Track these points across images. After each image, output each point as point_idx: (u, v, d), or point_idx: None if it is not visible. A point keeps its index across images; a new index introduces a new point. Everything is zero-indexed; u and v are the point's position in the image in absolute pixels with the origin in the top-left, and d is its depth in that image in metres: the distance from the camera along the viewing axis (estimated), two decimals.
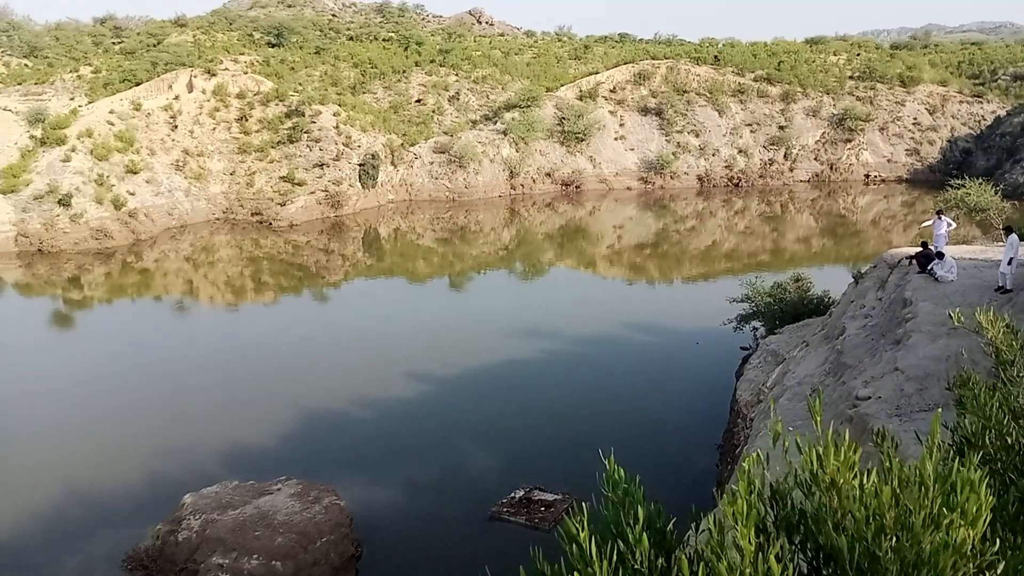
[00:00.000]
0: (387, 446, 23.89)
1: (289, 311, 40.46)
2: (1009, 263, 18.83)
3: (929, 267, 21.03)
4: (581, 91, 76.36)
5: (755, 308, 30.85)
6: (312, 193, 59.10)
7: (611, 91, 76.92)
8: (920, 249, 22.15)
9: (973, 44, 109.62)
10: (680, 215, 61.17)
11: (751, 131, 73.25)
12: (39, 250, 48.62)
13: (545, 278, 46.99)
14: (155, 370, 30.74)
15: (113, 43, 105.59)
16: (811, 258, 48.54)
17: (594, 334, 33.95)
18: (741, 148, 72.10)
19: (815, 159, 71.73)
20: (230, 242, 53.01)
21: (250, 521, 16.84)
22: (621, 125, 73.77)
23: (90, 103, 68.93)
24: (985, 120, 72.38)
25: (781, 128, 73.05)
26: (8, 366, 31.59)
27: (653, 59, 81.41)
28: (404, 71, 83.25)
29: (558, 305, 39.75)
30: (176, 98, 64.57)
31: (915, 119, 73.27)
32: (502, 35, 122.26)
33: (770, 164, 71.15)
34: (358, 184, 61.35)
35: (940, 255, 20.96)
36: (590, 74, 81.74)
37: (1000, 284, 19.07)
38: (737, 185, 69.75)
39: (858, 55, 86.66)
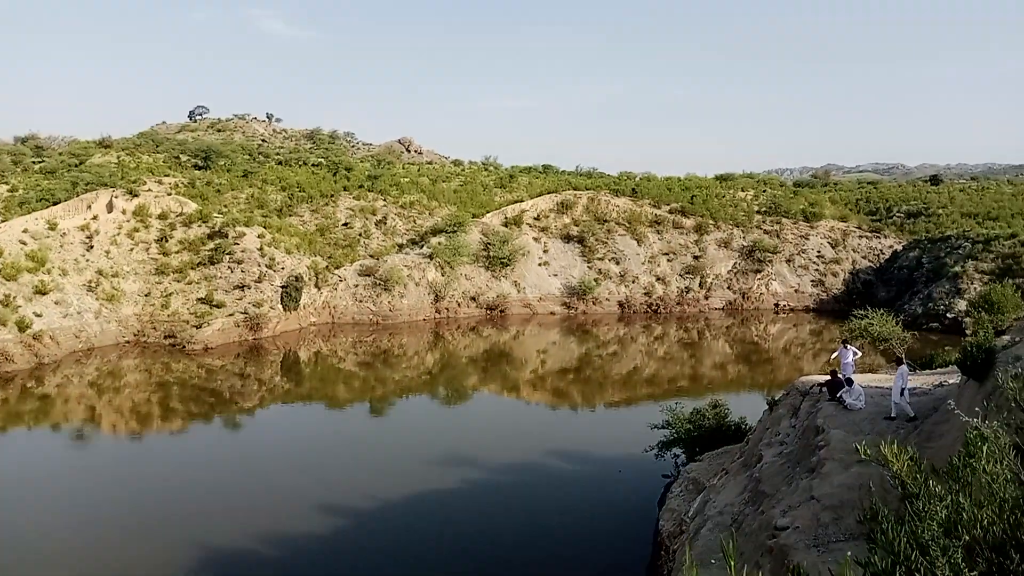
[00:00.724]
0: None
1: (197, 440, 38.48)
2: (902, 393, 19.69)
3: (838, 395, 21.70)
4: (506, 218, 78.62)
5: (676, 435, 31.10)
6: (231, 315, 57.79)
7: (535, 219, 79.44)
8: (829, 377, 22.92)
9: (869, 183, 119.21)
10: (602, 340, 62.16)
11: (668, 260, 76.27)
12: None
13: (468, 403, 46.42)
14: (40, 503, 28.37)
15: (33, 162, 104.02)
16: (728, 384, 49.64)
17: (517, 462, 33.37)
18: (659, 276, 74.77)
19: (728, 288, 74.81)
20: (139, 366, 50.79)
21: None
22: (545, 251, 75.78)
23: (3, 222, 66.83)
24: (883, 254, 77.46)
25: (696, 258, 76.36)
26: None
27: (575, 190, 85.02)
28: (332, 195, 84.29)
29: (481, 431, 39.19)
30: (95, 218, 63.31)
31: (819, 252, 77.84)
32: (430, 163, 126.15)
33: (687, 292, 73.79)
34: (279, 306, 60.43)
35: (849, 382, 21.71)
36: (515, 202, 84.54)
37: (891, 413, 19.80)
38: (656, 311, 71.79)
39: (764, 191, 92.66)
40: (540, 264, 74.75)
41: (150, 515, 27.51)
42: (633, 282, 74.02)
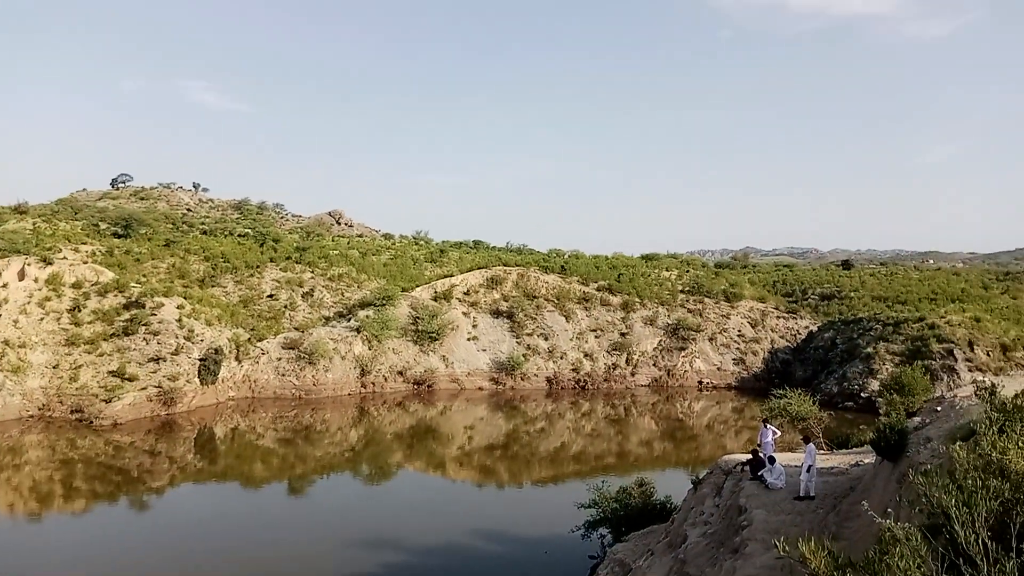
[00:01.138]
0: None
1: (101, 521, 36.15)
2: (808, 471, 20.17)
3: (760, 473, 22.02)
4: (436, 292, 78.55)
5: (602, 514, 30.88)
6: (143, 389, 55.31)
7: (465, 294, 79.62)
8: (751, 456, 23.28)
9: (785, 266, 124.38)
10: (530, 416, 61.87)
11: (595, 336, 77.17)
12: None
13: (392, 482, 45.14)
14: None
15: None
16: (654, 461, 49.84)
17: (442, 543, 32.46)
18: (587, 352, 75.44)
19: (654, 365, 75.96)
20: (42, 442, 47.81)
21: None
22: (474, 326, 75.73)
23: None
24: (800, 334, 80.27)
25: (623, 335, 77.52)
26: None
27: (505, 265, 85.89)
28: (258, 266, 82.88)
29: (404, 511, 38.06)
30: (4, 286, 60.40)
31: (739, 331, 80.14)
32: (360, 236, 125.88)
33: (613, 368, 74.52)
34: (196, 380, 58.21)
35: (771, 460, 22.07)
36: (445, 277, 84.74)
37: (800, 492, 20.19)
38: (584, 388, 72.11)
39: (687, 271, 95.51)
40: (469, 339, 74.55)
41: None
42: (561, 358, 74.43)
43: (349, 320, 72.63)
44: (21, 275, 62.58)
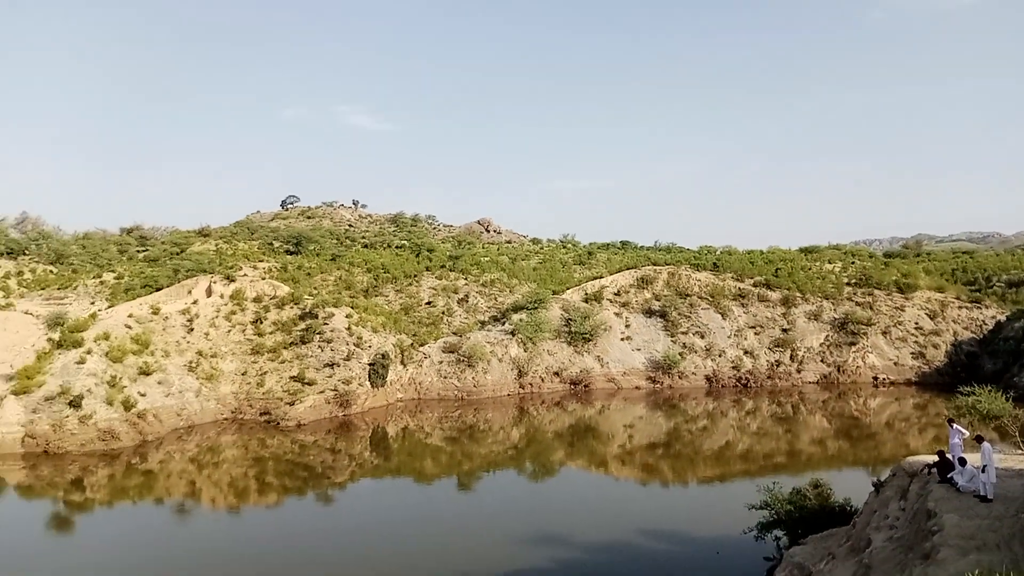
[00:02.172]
0: None
1: (292, 513, 39.10)
2: (983, 471, 18.84)
3: (950, 476, 20.66)
4: (586, 294, 78.84)
5: (775, 516, 29.86)
6: (321, 392, 59.28)
7: (615, 294, 79.37)
8: (937, 458, 21.85)
9: (964, 253, 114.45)
10: (691, 415, 60.70)
11: (755, 333, 74.55)
12: (45, 451, 48.03)
13: (555, 479, 45.77)
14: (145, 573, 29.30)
15: (138, 251, 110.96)
16: (828, 461, 47.48)
17: (608, 540, 32.54)
18: (747, 349, 73.02)
19: (821, 361, 72.34)
20: (236, 442, 52.35)
21: None
22: (627, 326, 75.32)
23: (110, 307, 71.11)
24: (986, 325, 73.74)
25: (784, 331, 74.40)
26: (9, 570, 30.13)
27: (655, 265, 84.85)
28: (415, 275, 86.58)
29: (569, 507, 38.48)
30: (195, 302, 66.70)
31: (917, 323, 74.73)
32: (509, 242, 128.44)
33: (777, 365, 71.67)
34: (367, 383, 61.68)
35: (962, 462, 20.60)
36: (594, 278, 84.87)
37: (984, 494, 18.89)
38: (746, 386, 69.83)
39: (853, 263, 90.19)
40: (623, 339, 74.23)
41: None
42: (720, 356, 72.49)
43: (503, 324, 74.34)
44: (208, 292, 68.85)
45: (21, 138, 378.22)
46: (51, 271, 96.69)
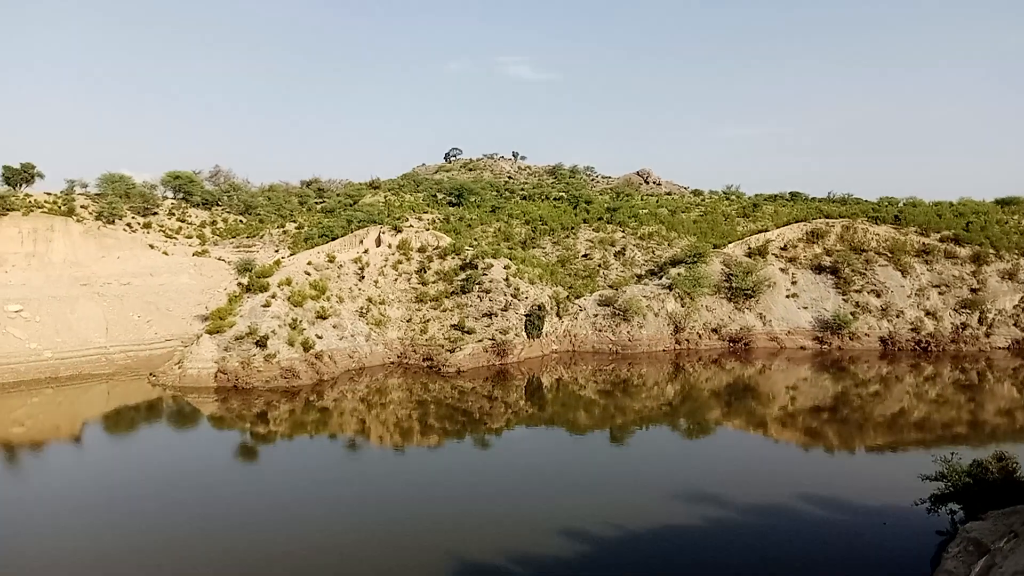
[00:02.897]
0: None
1: (452, 455, 41.09)
2: None
3: None
4: (750, 248, 75.68)
5: (952, 488, 27.84)
6: (480, 341, 61.29)
7: (782, 249, 75.62)
8: None
9: None
10: (861, 379, 57.24)
11: (939, 293, 68.68)
12: (234, 386, 53.15)
13: (710, 437, 44.98)
14: (320, 507, 31.95)
15: (316, 203, 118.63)
16: (1015, 434, 43.38)
17: (764, 503, 31.67)
18: (929, 310, 67.50)
19: (1014, 325, 65.65)
20: (401, 385, 55.45)
21: None
22: (793, 283, 71.75)
23: (291, 255, 76.81)
24: None
25: (973, 291, 67.98)
26: (202, 492, 34.02)
27: (827, 218, 79.79)
28: (572, 227, 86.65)
29: (724, 467, 37.72)
30: (365, 251, 70.55)
31: None
32: (669, 194, 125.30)
33: (962, 328, 65.79)
34: (524, 334, 63.01)
35: None
36: (759, 232, 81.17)
37: None
38: (925, 349, 64.74)
39: None
40: (788, 296, 70.83)
41: (412, 520, 29.86)
42: (897, 317, 67.53)
43: (661, 278, 73.05)
44: (378, 242, 72.51)
45: (212, 99, 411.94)
46: (240, 221, 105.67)
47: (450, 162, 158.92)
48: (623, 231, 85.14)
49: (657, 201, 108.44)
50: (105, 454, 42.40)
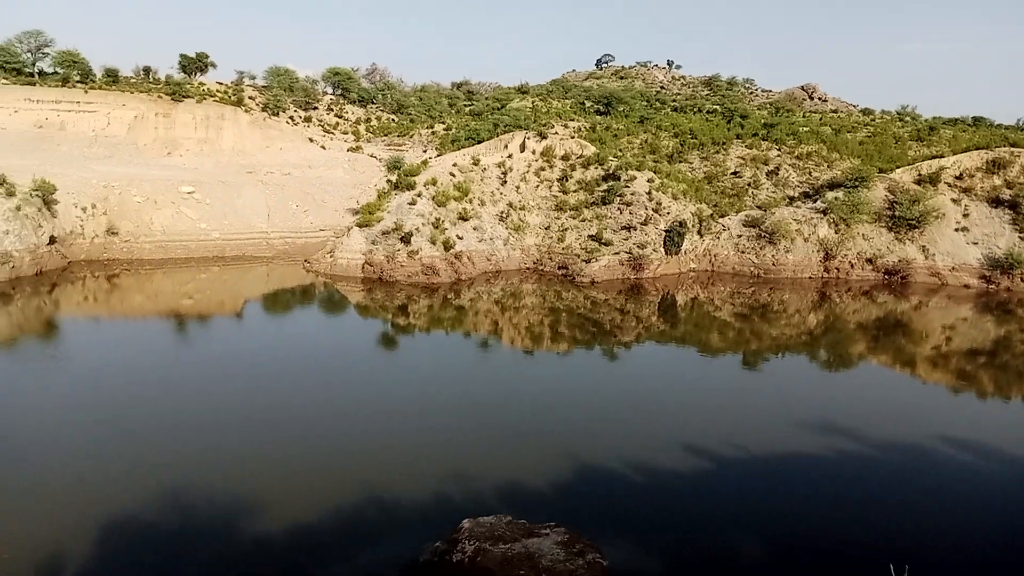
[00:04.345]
0: (659, 514, 23.38)
1: (579, 362, 41.76)
2: None
3: None
4: (920, 175, 69.66)
5: None
6: (616, 254, 60.83)
7: (956, 178, 69.12)
8: None
9: None
10: None
11: None
12: (379, 278, 55.91)
13: (852, 371, 42.99)
14: (454, 398, 33.57)
15: (465, 105, 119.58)
16: None
17: (906, 442, 30.18)
18: None
19: None
20: (535, 291, 56.34)
21: (517, 558, 17.41)
22: (964, 215, 65.80)
23: (438, 156, 78.39)
24: None
25: None
26: (344, 374, 36.64)
27: (1013, 147, 71.78)
28: (724, 143, 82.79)
29: (864, 402, 36.04)
30: (509, 156, 70.79)
31: None
32: (835, 112, 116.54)
33: None
34: (661, 250, 61.89)
35: None
36: (933, 158, 74.33)
37: None
38: None
39: None
40: (957, 229, 65.14)
41: (538, 422, 30.89)
42: None
43: (815, 201, 68.97)
44: (522, 147, 72.44)
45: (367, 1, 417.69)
46: (392, 119, 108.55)
47: (601, 69, 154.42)
48: (778, 149, 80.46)
49: (820, 119, 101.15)
50: (262, 330, 46.27)
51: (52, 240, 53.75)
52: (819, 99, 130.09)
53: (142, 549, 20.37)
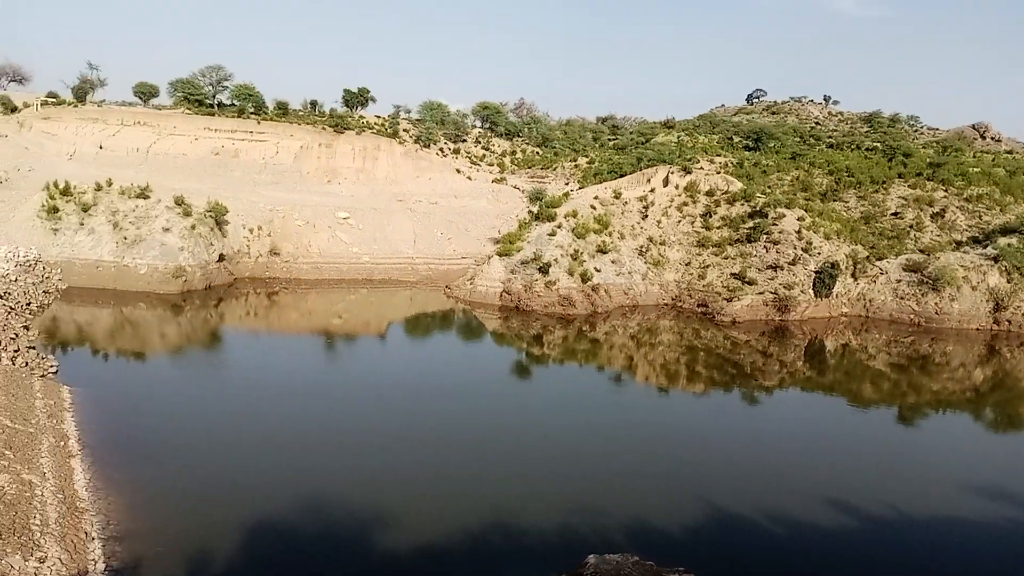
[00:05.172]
0: (791, 566, 22.02)
1: (716, 405, 40.33)
2: None
3: None
4: None
5: None
6: (760, 293, 58.53)
7: None
8: None
9: None
10: None
11: None
12: (516, 307, 56.62)
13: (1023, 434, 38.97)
14: (586, 431, 33.29)
15: (608, 139, 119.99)
16: None
17: None
18: None
19: None
20: (672, 328, 55.12)
21: None
22: None
23: (580, 188, 78.87)
24: None
25: None
26: (479, 399, 37.30)
27: None
28: (883, 182, 78.21)
29: None
30: (651, 191, 70.12)
31: None
32: (1010, 152, 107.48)
33: None
34: (810, 291, 58.95)
35: None
36: None
37: None
38: None
39: None
40: None
41: (670, 463, 30.00)
42: None
43: (985, 247, 63.56)
44: (665, 182, 71.58)
45: (517, 39, 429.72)
46: (537, 152, 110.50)
47: (752, 104, 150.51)
48: (945, 190, 74.98)
49: (993, 159, 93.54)
50: (403, 352, 47.98)
51: (221, 258, 58.37)
52: (992, 139, 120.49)
53: (279, 551, 21.44)
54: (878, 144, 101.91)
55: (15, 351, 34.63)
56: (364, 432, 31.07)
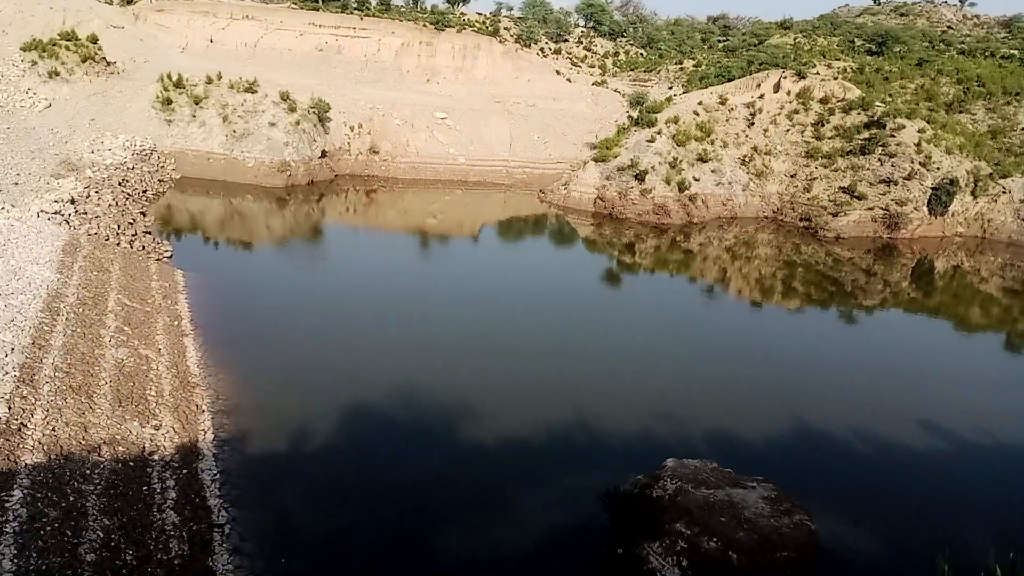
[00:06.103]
0: (882, 491, 21.93)
1: (811, 322, 39.44)
2: None
3: None
4: None
5: None
6: (870, 209, 55.80)
7: None
8: None
9: None
10: None
11: None
12: (609, 214, 56.08)
13: None
14: (673, 340, 33.38)
15: (719, 40, 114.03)
16: None
17: None
18: None
19: None
20: (771, 242, 53.56)
21: (719, 504, 17.29)
22: None
23: (684, 93, 75.97)
24: None
25: None
26: (568, 304, 37.78)
27: None
28: (1017, 93, 71.81)
29: None
30: (760, 96, 66.78)
31: None
32: None
33: None
34: (924, 209, 55.77)
35: None
36: None
37: None
38: None
39: None
40: None
41: (753, 377, 29.85)
42: None
43: None
44: (776, 87, 67.95)
45: None
46: (641, 54, 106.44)
47: (879, 4, 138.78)
48: None
49: None
50: (495, 254, 48.70)
51: (323, 154, 59.85)
52: None
53: (371, 436, 22.91)
54: (1016, 51, 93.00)
55: (133, 235, 37.11)
56: (456, 334, 31.96)
